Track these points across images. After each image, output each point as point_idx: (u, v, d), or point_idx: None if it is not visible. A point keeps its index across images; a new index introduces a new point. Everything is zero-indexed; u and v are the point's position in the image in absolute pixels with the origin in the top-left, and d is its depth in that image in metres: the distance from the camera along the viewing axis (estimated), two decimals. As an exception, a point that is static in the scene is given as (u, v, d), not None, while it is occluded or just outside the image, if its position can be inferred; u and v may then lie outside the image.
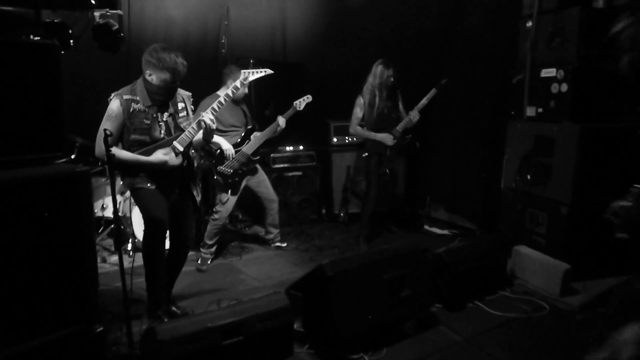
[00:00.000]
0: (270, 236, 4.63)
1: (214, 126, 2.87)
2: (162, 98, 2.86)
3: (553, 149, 3.70)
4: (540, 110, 3.89)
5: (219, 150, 4.07)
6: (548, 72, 3.78)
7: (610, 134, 3.65)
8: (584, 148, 3.52)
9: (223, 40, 5.10)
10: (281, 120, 4.23)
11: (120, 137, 2.82)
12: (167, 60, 2.72)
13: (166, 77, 2.76)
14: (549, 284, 3.45)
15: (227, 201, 4.10)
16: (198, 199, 3.13)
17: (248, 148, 4.21)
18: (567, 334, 3.00)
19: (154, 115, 2.85)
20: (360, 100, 4.47)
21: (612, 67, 3.86)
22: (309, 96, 4.31)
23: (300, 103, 4.28)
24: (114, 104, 2.77)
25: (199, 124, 2.85)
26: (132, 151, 2.80)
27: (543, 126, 3.81)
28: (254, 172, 4.33)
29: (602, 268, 3.70)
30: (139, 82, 2.85)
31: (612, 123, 3.71)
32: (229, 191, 4.12)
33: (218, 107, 2.95)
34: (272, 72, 3.37)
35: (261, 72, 3.27)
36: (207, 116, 2.85)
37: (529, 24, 3.94)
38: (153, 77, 2.77)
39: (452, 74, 4.64)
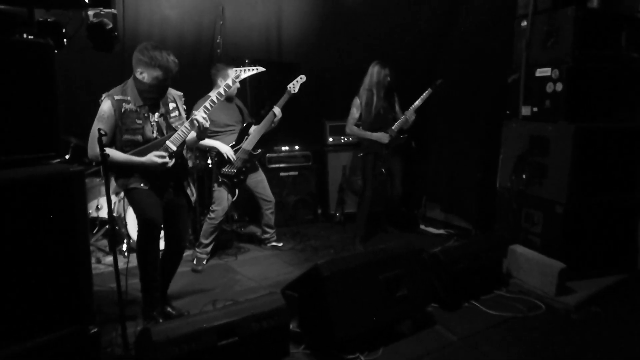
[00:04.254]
0: (267, 236, 4.63)
1: (207, 124, 2.84)
2: (154, 97, 2.83)
3: (548, 148, 3.71)
4: (535, 109, 3.90)
5: (216, 154, 4.05)
6: (543, 72, 3.79)
7: (605, 134, 3.66)
8: (579, 147, 3.53)
9: (218, 40, 5.08)
10: (277, 110, 4.15)
11: (113, 138, 2.79)
12: (159, 57, 2.70)
13: (158, 75, 2.74)
14: (545, 284, 3.45)
15: (233, 199, 4.11)
16: (193, 198, 3.11)
17: (248, 144, 4.18)
18: (563, 334, 3.00)
19: (146, 115, 2.83)
20: (357, 101, 4.46)
21: (607, 67, 3.88)
22: (302, 76, 4.14)
23: (295, 85, 4.12)
24: (105, 105, 2.75)
25: (191, 123, 2.82)
26: (125, 151, 2.77)
27: (538, 126, 3.82)
28: (255, 169, 4.34)
29: (597, 267, 3.72)
30: (130, 82, 2.83)
31: (607, 122, 3.73)
32: (236, 191, 4.12)
33: (210, 105, 2.89)
34: (265, 69, 3.29)
35: (253, 69, 3.17)
36: (200, 114, 2.82)
37: (524, 23, 3.95)
38: (145, 75, 2.75)
39: (448, 74, 4.64)
